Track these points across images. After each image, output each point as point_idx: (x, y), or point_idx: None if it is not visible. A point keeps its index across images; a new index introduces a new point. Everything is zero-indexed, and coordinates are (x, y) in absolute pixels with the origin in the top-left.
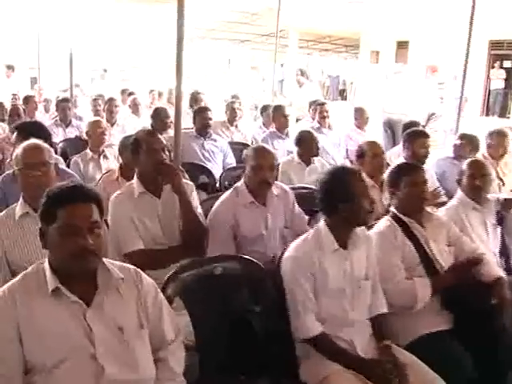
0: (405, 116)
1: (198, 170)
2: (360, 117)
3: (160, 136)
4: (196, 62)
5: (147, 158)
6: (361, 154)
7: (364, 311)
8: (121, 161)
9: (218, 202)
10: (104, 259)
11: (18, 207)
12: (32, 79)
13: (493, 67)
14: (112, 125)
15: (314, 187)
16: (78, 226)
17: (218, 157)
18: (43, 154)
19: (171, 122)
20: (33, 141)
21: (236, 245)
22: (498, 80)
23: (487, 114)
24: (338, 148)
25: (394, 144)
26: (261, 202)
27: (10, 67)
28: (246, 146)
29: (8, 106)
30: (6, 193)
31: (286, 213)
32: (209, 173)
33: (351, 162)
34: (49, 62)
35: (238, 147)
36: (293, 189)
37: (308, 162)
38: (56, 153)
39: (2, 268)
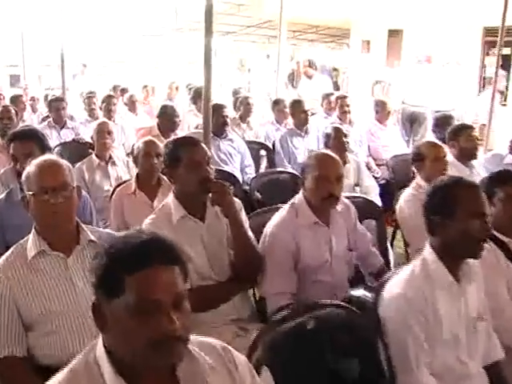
0: (425, 109)
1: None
2: (382, 110)
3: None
4: (178, 55)
5: (189, 173)
6: (419, 157)
7: (480, 360)
8: (135, 169)
9: (273, 224)
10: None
11: (30, 243)
12: (12, 77)
13: (487, 54)
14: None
15: (357, 194)
16: (160, 300)
17: (235, 159)
18: (64, 174)
19: (180, 121)
20: (49, 157)
21: (296, 275)
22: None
23: None
24: (360, 145)
25: (411, 138)
26: (324, 221)
27: None
28: (262, 145)
29: None
30: (3, 219)
31: (349, 232)
32: (233, 179)
33: (374, 159)
34: (31, 59)
35: (253, 147)
36: None
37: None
38: None
39: (13, 328)
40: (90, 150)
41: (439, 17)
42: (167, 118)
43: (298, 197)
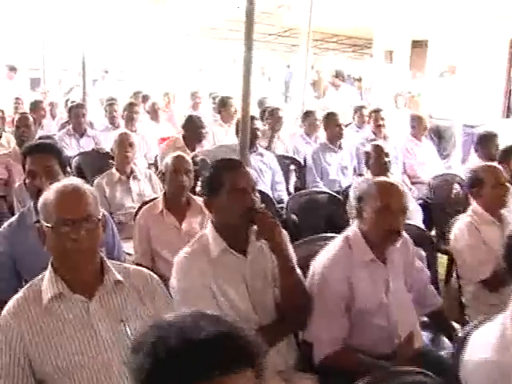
0: (451, 122)
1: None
2: (418, 125)
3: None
4: (198, 62)
5: (232, 202)
6: (476, 183)
7: None
8: (158, 183)
9: (324, 261)
10: None
11: (46, 283)
12: (32, 81)
13: None
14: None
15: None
16: None
17: (266, 175)
18: (88, 203)
19: (206, 133)
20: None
21: (348, 319)
22: None
23: (507, 116)
24: (395, 162)
25: (440, 152)
26: (381, 258)
27: (13, 68)
28: (292, 160)
29: (9, 111)
30: (14, 246)
31: (406, 270)
32: (267, 199)
33: (409, 176)
34: (52, 63)
35: (283, 162)
36: None
37: None
38: (70, 169)
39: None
40: (111, 161)
41: (465, 28)
42: (193, 129)
43: (353, 229)
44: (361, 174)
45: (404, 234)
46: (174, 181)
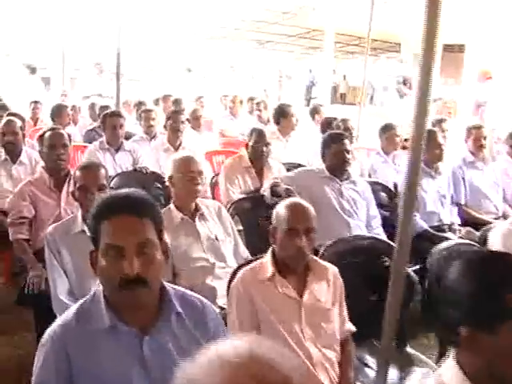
0: None
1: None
2: None
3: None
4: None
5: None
6: None
7: None
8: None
9: None
10: None
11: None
12: (42, 80)
13: None
14: (176, 149)
15: None
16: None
17: (360, 208)
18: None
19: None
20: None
21: None
22: None
23: None
24: (496, 189)
25: None
26: None
27: (32, 68)
28: (382, 186)
29: (26, 115)
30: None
31: None
32: (388, 248)
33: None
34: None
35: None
36: None
37: None
38: None
39: None
40: (157, 184)
41: (502, 31)
42: (260, 146)
43: None
44: (459, 204)
45: None
46: (289, 244)
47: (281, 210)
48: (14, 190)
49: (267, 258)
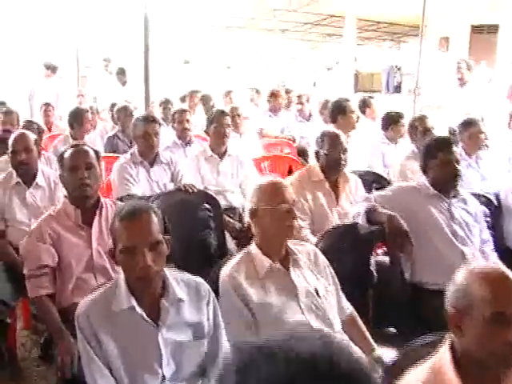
0: None
1: None
2: None
3: None
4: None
5: None
6: None
7: None
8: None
9: None
10: None
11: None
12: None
13: None
14: (221, 157)
15: None
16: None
17: (475, 234)
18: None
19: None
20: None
21: None
22: None
23: None
24: None
25: None
26: None
27: (52, 68)
28: (486, 199)
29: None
30: None
31: None
32: None
33: None
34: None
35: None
36: None
37: None
38: None
39: None
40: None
41: None
42: (336, 154)
43: None
44: None
45: None
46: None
47: (475, 286)
48: (29, 220)
49: None
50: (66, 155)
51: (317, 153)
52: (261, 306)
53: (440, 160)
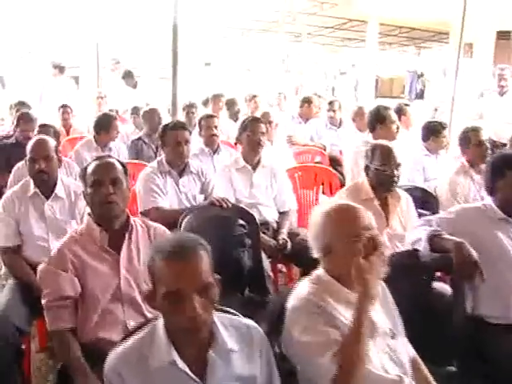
0: None
1: None
2: None
3: None
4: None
5: None
6: None
7: None
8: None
9: None
10: None
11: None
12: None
13: None
14: (254, 168)
15: None
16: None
17: None
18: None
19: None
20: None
21: None
22: None
23: None
24: None
25: None
26: None
27: (59, 67)
28: None
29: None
30: None
31: None
32: None
33: None
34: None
35: None
36: None
37: None
38: None
39: None
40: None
41: None
42: (387, 171)
43: None
44: None
45: None
46: None
47: None
48: (47, 235)
49: None
50: (89, 169)
51: (366, 167)
52: None
53: (510, 179)
